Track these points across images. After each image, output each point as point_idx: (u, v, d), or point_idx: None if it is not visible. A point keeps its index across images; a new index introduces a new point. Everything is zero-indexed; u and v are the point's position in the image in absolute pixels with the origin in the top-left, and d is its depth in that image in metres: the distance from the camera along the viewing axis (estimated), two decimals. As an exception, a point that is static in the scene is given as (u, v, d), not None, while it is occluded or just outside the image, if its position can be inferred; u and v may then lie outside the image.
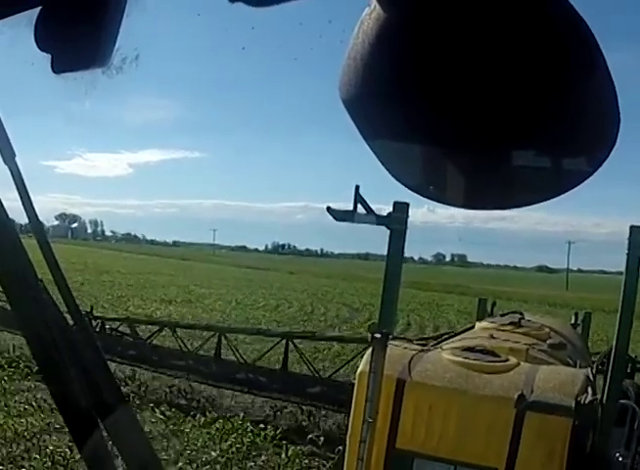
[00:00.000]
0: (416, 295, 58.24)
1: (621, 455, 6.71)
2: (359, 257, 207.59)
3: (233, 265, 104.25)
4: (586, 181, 1.14)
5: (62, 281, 1.76)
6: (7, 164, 1.62)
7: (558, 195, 1.16)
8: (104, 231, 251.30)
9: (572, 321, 13.78)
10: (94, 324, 18.07)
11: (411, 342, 7.44)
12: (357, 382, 6.17)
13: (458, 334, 8.82)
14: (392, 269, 7.01)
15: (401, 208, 6.82)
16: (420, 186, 1.25)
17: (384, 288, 7.11)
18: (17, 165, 1.63)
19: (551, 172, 1.14)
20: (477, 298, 15.01)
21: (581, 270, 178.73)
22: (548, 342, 8.01)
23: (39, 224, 1.82)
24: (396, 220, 6.82)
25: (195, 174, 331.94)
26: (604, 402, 6.39)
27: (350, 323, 37.37)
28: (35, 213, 1.70)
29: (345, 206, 6.54)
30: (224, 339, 17.48)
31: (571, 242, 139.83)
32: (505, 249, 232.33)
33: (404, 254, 7.16)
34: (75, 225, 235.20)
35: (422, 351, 6.66)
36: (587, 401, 5.62)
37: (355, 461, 5.93)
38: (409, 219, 6.91)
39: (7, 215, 1.67)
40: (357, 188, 6.55)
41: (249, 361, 17.34)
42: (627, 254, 6.58)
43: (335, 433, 13.48)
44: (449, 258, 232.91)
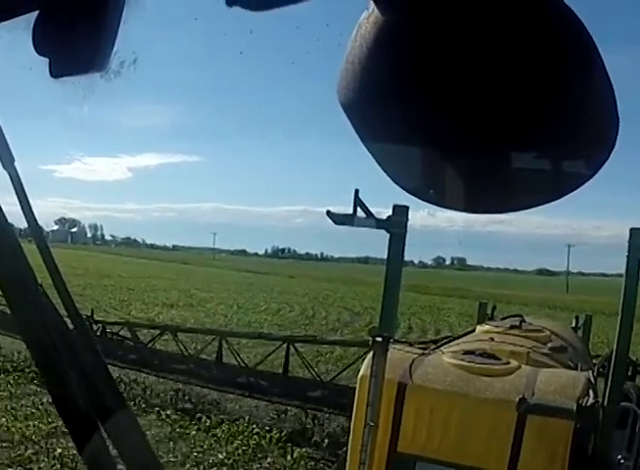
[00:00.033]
0: (417, 298, 58.25)
1: (623, 458, 6.70)
2: (359, 260, 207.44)
3: (233, 269, 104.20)
4: (586, 184, 1.14)
5: (61, 285, 1.76)
6: (6, 168, 1.62)
7: (558, 198, 1.16)
8: (103, 235, 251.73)
9: (573, 324, 13.76)
10: (95, 328, 18.11)
11: (412, 345, 7.43)
12: (358, 386, 6.16)
13: (459, 337, 8.81)
14: (393, 273, 7.01)
15: (401, 211, 6.82)
16: (419, 189, 1.25)
17: (384, 292, 7.11)
18: (16, 170, 1.63)
19: (550, 175, 1.14)
20: (477, 301, 15.00)
21: (582, 273, 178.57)
22: (549, 345, 8.01)
23: (39, 229, 1.82)
24: (396, 224, 6.82)
25: (193, 178, 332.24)
26: (605, 405, 6.39)
27: (352, 327, 37.40)
28: (35, 218, 1.70)
29: (345, 209, 6.54)
30: (225, 343, 17.49)
31: (570, 245, 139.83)
32: (505, 252, 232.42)
33: (404, 257, 7.16)
34: (75, 230, 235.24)
35: (423, 354, 6.66)
36: (588, 404, 5.62)
37: (357, 465, 5.93)
38: (409, 223, 6.91)
39: (6, 220, 1.67)
40: (357, 192, 6.55)
41: (250, 365, 17.35)
42: (627, 256, 6.57)
43: (339, 435, 13.49)
44: (449, 261, 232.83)
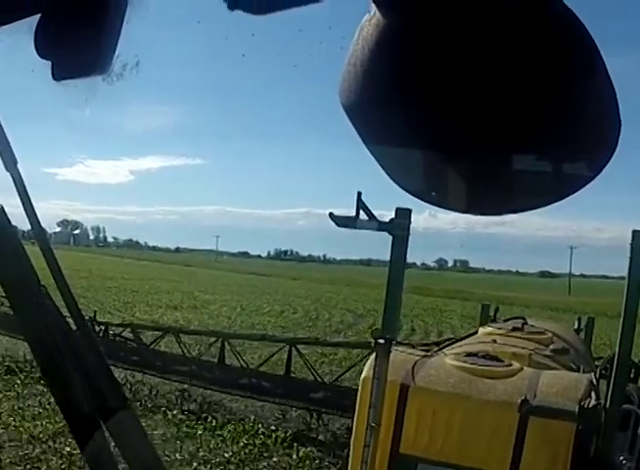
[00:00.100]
0: (419, 300, 58.20)
1: (625, 460, 6.69)
2: (361, 263, 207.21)
3: (236, 272, 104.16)
4: (587, 186, 1.14)
5: (64, 287, 1.76)
6: (9, 170, 1.62)
7: (559, 199, 1.16)
8: (106, 237, 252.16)
9: (575, 326, 13.71)
10: (97, 330, 18.12)
11: (414, 347, 7.43)
12: (361, 387, 6.16)
13: (461, 339, 8.79)
14: (395, 275, 7.00)
15: (404, 214, 6.81)
16: (421, 191, 1.25)
17: (386, 294, 7.10)
18: (18, 172, 1.64)
19: (552, 177, 1.14)
20: (479, 303, 14.99)
21: (584, 275, 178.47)
22: (551, 347, 7.99)
23: (42, 231, 1.82)
24: (399, 226, 6.81)
25: (196, 181, 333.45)
26: (607, 407, 6.37)
27: (355, 329, 37.35)
28: (38, 220, 1.71)
29: (347, 212, 6.54)
30: (228, 345, 17.48)
31: (573, 247, 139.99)
32: (507, 254, 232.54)
33: (407, 259, 7.15)
34: (77, 232, 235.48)
35: (425, 356, 6.65)
36: (591, 406, 5.62)
37: (359, 466, 5.93)
38: (411, 225, 6.91)
39: (9, 222, 1.68)
40: (359, 194, 6.55)
41: (253, 367, 17.35)
42: (630, 258, 6.55)
43: (343, 434, 13.50)
44: (451, 263, 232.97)
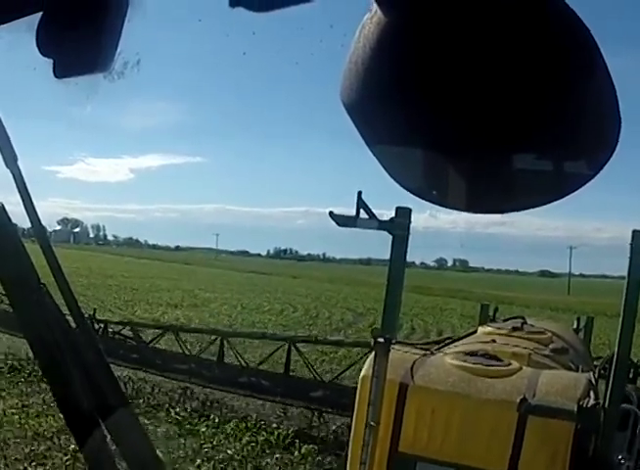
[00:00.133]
0: (419, 299, 58.17)
1: (623, 459, 6.70)
2: (361, 262, 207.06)
3: (235, 270, 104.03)
4: (587, 185, 1.14)
5: (64, 285, 1.77)
6: (9, 167, 1.63)
7: (559, 198, 1.16)
8: (106, 236, 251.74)
9: (575, 326, 13.73)
10: (97, 327, 18.13)
11: (413, 346, 7.43)
12: (360, 386, 6.17)
13: (460, 339, 8.80)
14: (395, 274, 7.00)
15: (404, 213, 6.82)
16: (421, 189, 1.25)
17: (386, 293, 7.10)
18: (19, 169, 1.64)
19: (552, 175, 1.14)
20: (479, 302, 14.98)
21: (583, 275, 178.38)
22: (550, 346, 7.99)
23: (42, 229, 1.83)
24: (399, 226, 6.81)
25: (196, 179, 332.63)
26: (606, 407, 6.38)
27: (355, 327, 37.35)
28: (38, 218, 1.71)
29: (347, 210, 6.54)
30: (227, 343, 17.49)
31: (572, 247, 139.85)
32: (506, 254, 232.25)
33: (407, 259, 7.15)
34: (77, 230, 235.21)
35: (424, 355, 6.66)
36: (589, 406, 5.62)
37: (358, 465, 5.94)
38: (411, 225, 6.91)
39: (9, 220, 1.68)
40: (360, 193, 6.55)
41: (253, 366, 17.36)
42: (630, 258, 6.56)
43: (344, 432, 13.51)
44: (451, 262, 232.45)
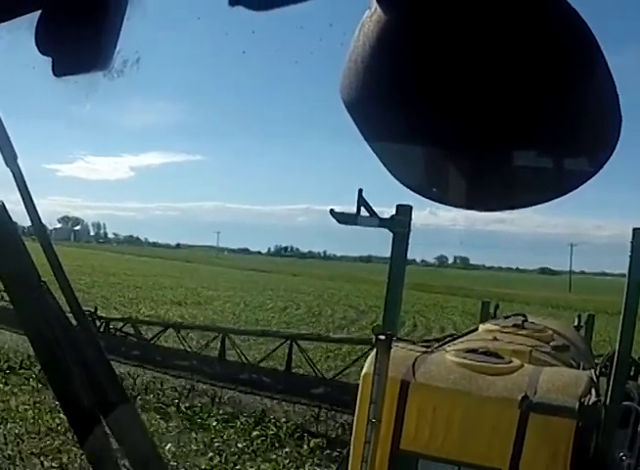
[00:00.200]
0: (420, 297, 58.25)
1: (624, 456, 6.70)
2: (362, 259, 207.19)
3: (237, 268, 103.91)
4: (587, 183, 1.14)
5: (65, 282, 1.77)
6: (9, 166, 1.63)
7: (560, 195, 1.16)
8: (106, 234, 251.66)
9: (575, 323, 13.71)
10: (98, 324, 18.15)
11: (415, 344, 7.43)
12: (361, 383, 6.16)
13: (461, 336, 8.79)
14: (396, 272, 7.01)
15: (404, 210, 6.83)
16: (422, 187, 1.25)
17: (387, 290, 7.11)
18: (19, 168, 1.64)
19: (553, 173, 1.14)
20: (480, 300, 14.98)
21: (584, 272, 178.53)
22: (551, 344, 7.99)
23: (42, 227, 1.83)
24: (399, 223, 6.82)
25: (196, 177, 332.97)
26: (607, 404, 6.37)
27: (358, 324, 37.52)
28: (38, 216, 1.71)
29: (347, 208, 6.55)
30: (228, 340, 17.50)
31: (573, 244, 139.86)
32: (506, 251, 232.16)
33: (407, 256, 7.15)
34: (78, 228, 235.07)
35: (425, 352, 6.65)
36: (591, 403, 5.61)
37: (360, 462, 5.93)
38: (412, 222, 6.91)
39: (10, 218, 1.68)
40: (360, 191, 6.56)
41: (254, 363, 17.38)
42: (630, 256, 6.55)
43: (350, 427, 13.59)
44: (452, 260, 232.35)
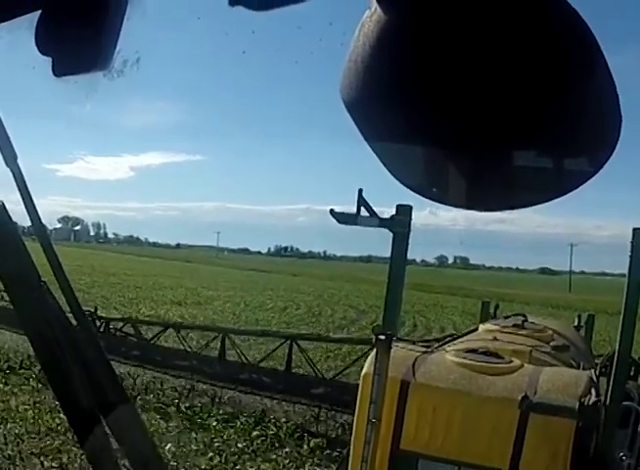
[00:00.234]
0: (421, 297, 58.25)
1: (624, 456, 6.70)
2: (361, 259, 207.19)
3: (237, 268, 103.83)
4: (587, 183, 1.14)
5: (65, 282, 1.77)
6: (9, 166, 1.63)
7: (560, 195, 1.16)
8: (106, 234, 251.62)
9: (575, 323, 13.71)
10: (98, 324, 18.15)
11: (415, 344, 7.43)
12: (361, 383, 6.16)
13: (461, 336, 8.79)
14: (396, 272, 7.01)
15: (404, 210, 6.83)
16: (422, 187, 1.25)
17: (387, 290, 7.11)
18: (19, 168, 1.64)
19: (553, 173, 1.14)
20: (480, 300, 14.98)
21: (584, 272, 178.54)
22: (551, 344, 7.98)
23: (42, 227, 1.82)
24: (399, 223, 6.82)
25: (196, 177, 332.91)
26: (607, 404, 6.38)
27: (358, 324, 37.51)
28: (38, 216, 1.71)
29: (347, 208, 6.55)
30: (228, 340, 17.50)
31: (573, 244, 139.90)
32: (506, 251, 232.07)
33: (407, 256, 7.15)
34: (78, 228, 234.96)
35: (425, 352, 6.65)
36: (590, 403, 5.61)
37: (359, 462, 5.93)
38: (412, 222, 6.91)
39: (10, 218, 1.68)
40: (360, 191, 6.56)
41: (254, 363, 17.39)
42: (630, 256, 6.55)
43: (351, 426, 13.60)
44: (452, 260, 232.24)
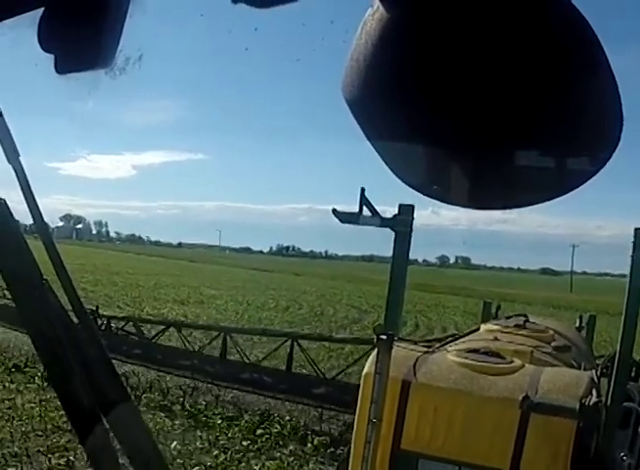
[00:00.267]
0: (422, 296, 58.18)
1: (625, 457, 6.70)
2: (363, 259, 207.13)
3: (239, 267, 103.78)
4: (588, 183, 1.14)
5: (67, 281, 1.77)
6: (11, 164, 1.63)
7: (561, 195, 1.16)
8: (108, 232, 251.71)
9: (577, 324, 13.72)
10: (99, 323, 18.14)
11: (416, 343, 7.43)
12: (363, 383, 6.16)
13: (463, 336, 8.79)
14: (398, 271, 7.02)
15: (407, 210, 6.83)
16: (423, 185, 1.25)
17: (389, 290, 7.12)
18: (21, 166, 1.64)
19: (554, 173, 1.14)
20: (481, 300, 14.97)
21: (585, 273, 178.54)
22: (552, 344, 7.98)
23: (44, 225, 1.82)
24: (402, 223, 6.83)
25: (198, 176, 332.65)
26: (608, 405, 6.38)
27: (361, 324, 37.38)
28: (40, 214, 1.71)
29: (349, 207, 6.55)
30: (230, 339, 17.50)
31: (575, 245, 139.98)
32: (508, 251, 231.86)
33: (409, 255, 7.15)
34: (80, 226, 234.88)
35: (427, 352, 6.65)
36: (591, 403, 5.61)
37: (360, 462, 5.94)
38: (414, 222, 6.92)
39: (11, 216, 1.68)
40: (363, 190, 6.56)
41: (255, 362, 17.39)
42: (632, 256, 6.56)
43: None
44: (453, 260, 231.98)
